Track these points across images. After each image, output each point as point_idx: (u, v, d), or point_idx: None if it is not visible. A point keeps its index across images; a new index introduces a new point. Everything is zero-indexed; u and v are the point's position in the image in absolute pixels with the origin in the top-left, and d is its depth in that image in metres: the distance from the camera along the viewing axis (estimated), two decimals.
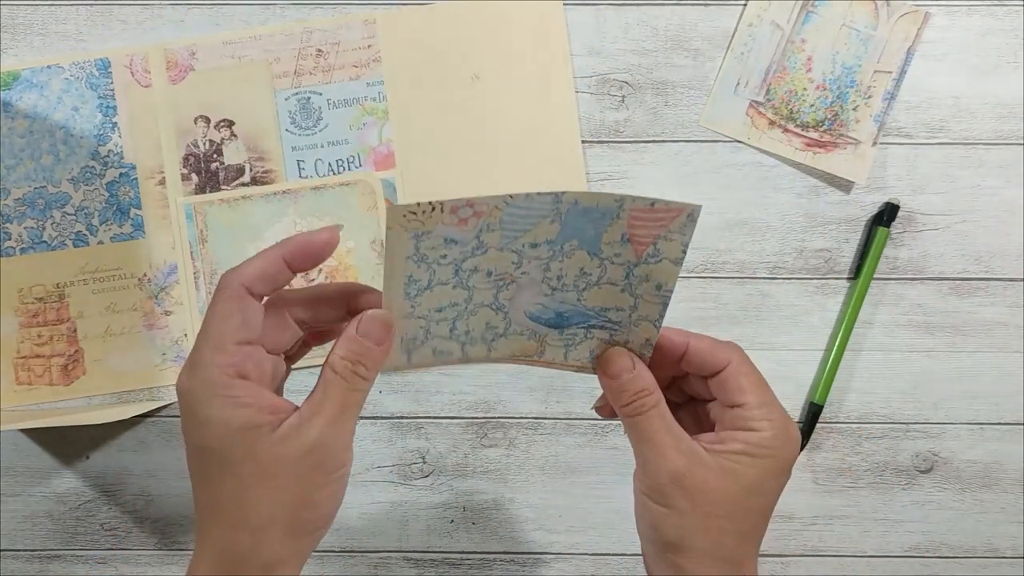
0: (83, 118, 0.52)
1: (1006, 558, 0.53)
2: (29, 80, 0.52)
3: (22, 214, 0.52)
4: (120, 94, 0.53)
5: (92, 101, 0.52)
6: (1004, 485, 0.53)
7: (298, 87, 0.53)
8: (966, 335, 0.53)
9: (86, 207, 0.52)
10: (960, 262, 0.53)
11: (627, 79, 0.53)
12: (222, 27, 0.53)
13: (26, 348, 0.52)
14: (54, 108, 0.52)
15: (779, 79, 0.53)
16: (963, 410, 0.53)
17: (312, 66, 0.53)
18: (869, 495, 0.53)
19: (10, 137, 0.52)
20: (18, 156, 0.52)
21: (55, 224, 0.52)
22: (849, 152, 0.52)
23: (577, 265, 0.33)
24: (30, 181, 0.52)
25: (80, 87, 0.52)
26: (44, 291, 0.52)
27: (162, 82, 0.53)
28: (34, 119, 0.52)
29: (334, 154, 0.53)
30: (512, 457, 0.53)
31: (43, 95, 0.52)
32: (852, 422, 0.53)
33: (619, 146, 0.53)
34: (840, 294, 0.53)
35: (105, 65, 0.52)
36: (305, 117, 0.53)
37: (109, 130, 0.53)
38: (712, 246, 0.53)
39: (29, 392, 0.52)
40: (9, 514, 0.54)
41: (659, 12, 0.53)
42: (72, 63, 0.52)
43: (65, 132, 0.52)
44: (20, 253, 0.52)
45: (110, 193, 0.53)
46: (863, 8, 0.52)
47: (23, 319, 0.52)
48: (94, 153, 0.52)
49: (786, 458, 0.33)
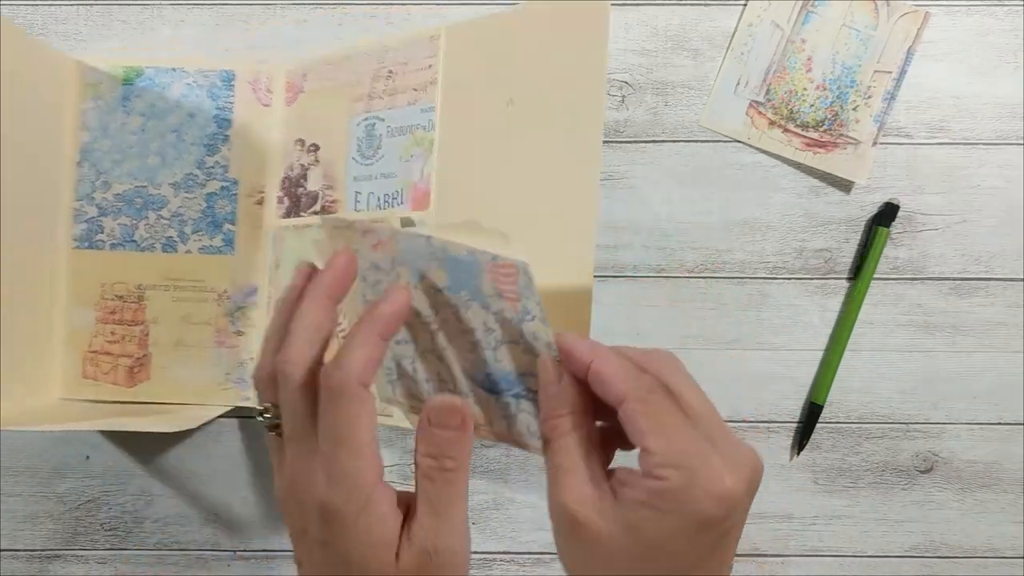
0: (197, 126, 0.52)
1: (1006, 558, 0.53)
2: (152, 79, 0.52)
3: (119, 210, 0.52)
4: (239, 108, 0.52)
5: (209, 110, 0.52)
6: (1004, 485, 0.53)
7: (368, 112, 0.49)
8: (966, 335, 0.53)
9: (181, 214, 0.52)
10: (960, 262, 0.53)
11: (627, 79, 0.53)
12: (222, 27, 0.53)
13: (98, 343, 0.52)
14: (171, 111, 0.52)
15: (779, 79, 0.53)
16: (963, 410, 0.53)
17: (382, 88, 0.48)
18: (869, 495, 0.53)
19: (122, 132, 0.52)
20: (126, 152, 0.52)
21: (148, 226, 0.52)
22: (849, 152, 0.52)
23: (479, 318, 0.30)
24: (132, 179, 0.52)
25: (200, 94, 0.52)
26: (125, 290, 0.52)
27: (279, 102, 0.52)
28: (149, 118, 0.52)
29: (383, 188, 0.49)
30: (512, 457, 0.53)
31: (163, 96, 0.52)
32: (852, 422, 0.53)
33: (619, 146, 0.53)
34: (840, 294, 0.53)
35: (229, 78, 0.52)
36: (368, 145, 0.49)
37: (220, 142, 0.52)
38: (712, 246, 0.53)
39: (93, 387, 0.52)
40: (9, 514, 0.54)
41: (659, 12, 0.53)
42: (197, 69, 0.52)
43: (176, 136, 0.52)
44: (109, 248, 0.52)
45: (208, 204, 0.52)
46: (863, 8, 0.52)
47: (100, 314, 0.52)
48: (200, 162, 0.52)
49: (700, 513, 0.27)
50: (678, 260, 0.53)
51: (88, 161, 0.52)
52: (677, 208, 0.53)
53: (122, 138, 0.52)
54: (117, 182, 0.52)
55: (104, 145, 0.52)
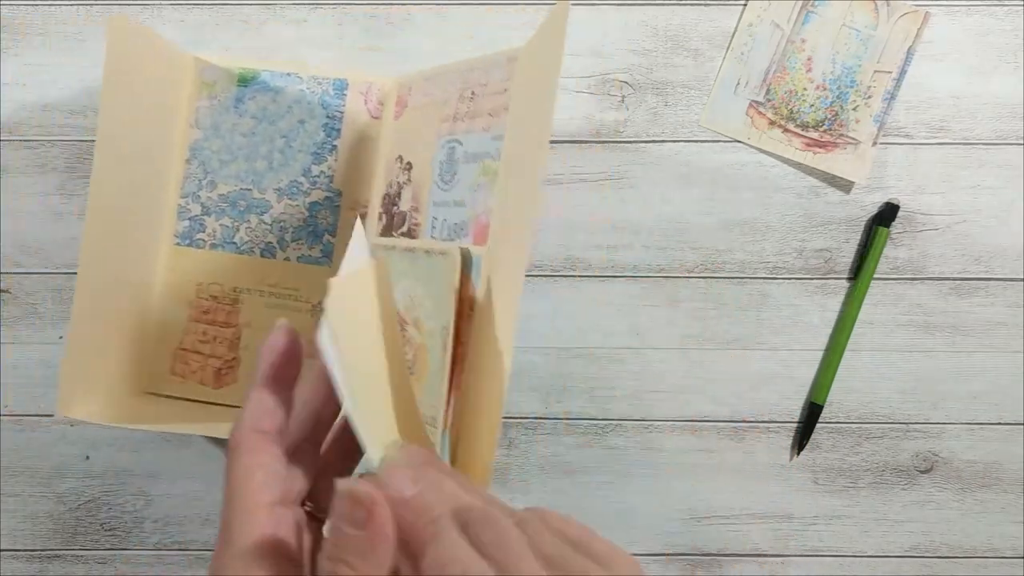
0: (306, 133, 0.52)
1: (1006, 558, 0.53)
2: (266, 83, 0.52)
3: (222, 211, 0.52)
4: (348, 119, 0.52)
5: (320, 119, 0.52)
6: (1004, 485, 0.53)
7: (451, 134, 0.46)
8: (966, 335, 0.53)
9: (283, 221, 0.52)
10: (960, 262, 0.53)
11: (627, 79, 0.53)
12: (222, 27, 0.53)
13: (189, 341, 0.52)
14: (282, 116, 0.52)
15: (779, 79, 0.53)
16: (963, 410, 0.53)
17: (465, 110, 0.45)
18: (869, 495, 0.53)
19: (233, 133, 0.51)
20: (235, 154, 0.52)
21: (249, 229, 0.52)
22: (849, 152, 0.52)
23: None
24: (238, 181, 0.52)
25: (313, 102, 0.51)
26: (220, 291, 0.52)
27: (389, 115, 0.51)
28: (260, 121, 0.51)
29: (454, 216, 0.45)
30: (512, 457, 0.53)
31: (275, 100, 0.51)
32: (852, 422, 0.53)
33: (619, 146, 0.53)
34: (840, 294, 0.53)
35: (342, 87, 0.51)
36: (448, 170, 0.46)
37: (327, 151, 0.52)
38: (712, 246, 0.53)
39: (180, 385, 0.52)
40: (9, 514, 0.54)
41: (659, 12, 0.53)
42: (311, 76, 0.51)
43: (285, 142, 0.51)
44: (209, 248, 0.52)
45: (310, 213, 0.52)
46: (863, 8, 0.52)
47: (194, 312, 0.52)
48: (306, 170, 0.52)
49: None
50: (678, 260, 0.53)
51: (197, 159, 0.52)
52: (677, 208, 0.53)
53: (232, 139, 0.52)
54: (223, 183, 0.52)
55: (214, 144, 0.52)
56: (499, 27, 0.53)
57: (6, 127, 0.53)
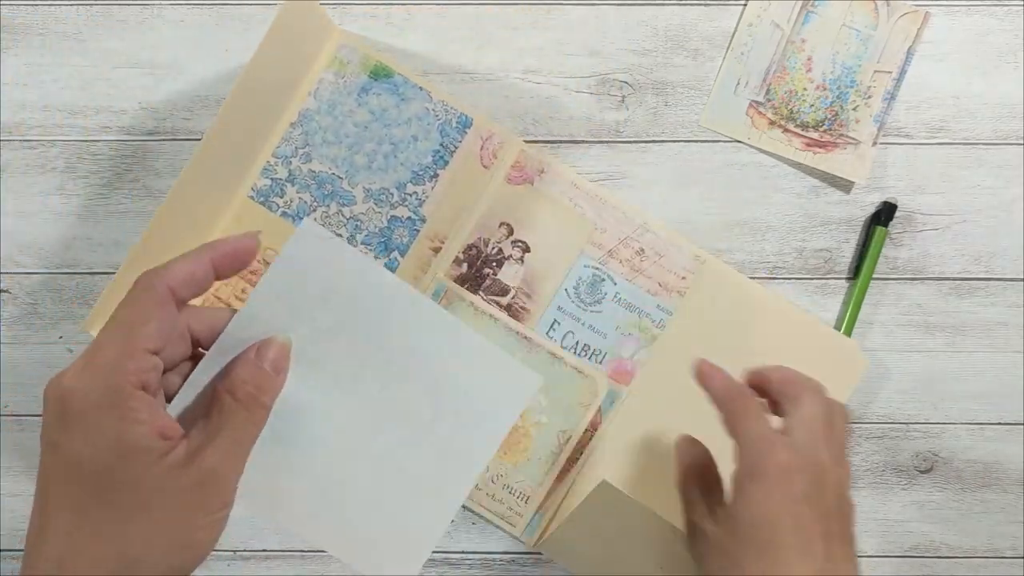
0: (416, 151, 0.52)
1: (1006, 558, 0.53)
2: (397, 86, 0.51)
3: (306, 186, 0.52)
4: (459, 156, 0.52)
5: (434, 143, 0.52)
6: (1004, 485, 0.53)
7: (601, 264, 0.51)
8: (966, 335, 0.53)
9: (360, 220, 0.52)
10: (960, 262, 0.53)
11: (627, 79, 0.53)
12: (221, 27, 0.53)
13: (225, 292, 0.52)
14: (399, 124, 0.52)
15: (779, 79, 0.53)
16: (963, 410, 0.53)
17: (626, 257, 0.51)
18: (869, 495, 0.53)
19: (346, 119, 0.51)
20: (340, 138, 0.52)
21: (325, 214, 0.52)
22: (849, 152, 0.52)
23: None
24: (333, 165, 0.52)
25: (434, 124, 0.52)
26: (273, 258, 0.51)
27: (500, 174, 0.52)
28: (376, 119, 0.51)
29: (588, 338, 0.51)
30: None
31: (398, 107, 0.51)
32: (852, 422, 0.53)
33: (619, 146, 0.53)
34: (840, 294, 0.53)
35: (466, 123, 0.52)
36: (589, 293, 0.51)
37: (428, 176, 0.52)
38: (712, 246, 0.53)
39: None
40: (9, 514, 0.54)
41: (659, 12, 0.53)
42: (441, 100, 0.52)
43: (392, 150, 0.51)
44: (279, 215, 0.52)
45: (388, 225, 0.52)
46: (863, 8, 0.52)
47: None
48: (401, 184, 0.52)
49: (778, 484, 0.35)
50: None
51: (302, 127, 0.52)
52: (677, 208, 0.53)
53: (343, 124, 0.52)
54: (318, 160, 0.52)
55: (324, 121, 0.52)
56: (499, 27, 0.53)
57: (6, 127, 0.53)
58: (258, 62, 0.45)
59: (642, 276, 0.51)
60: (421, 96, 0.52)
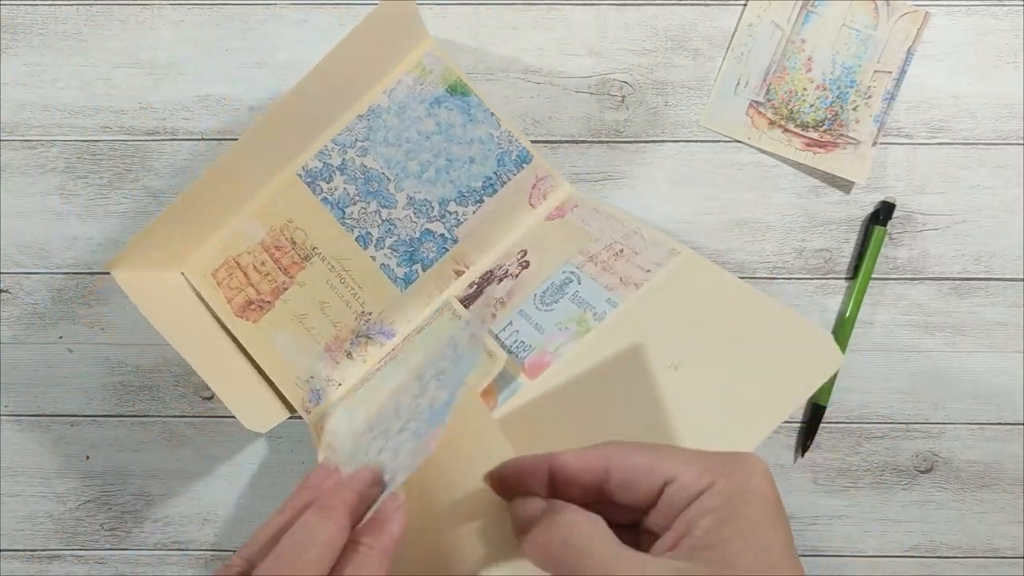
0: (468, 173, 0.51)
1: (1006, 558, 0.53)
2: (470, 106, 0.51)
3: (354, 178, 0.52)
4: (509, 189, 0.51)
5: (488, 171, 0.51)
6: (1004, 485, 0.53)
7: (578, 268, 0.47)
8: (966, 335, 0.53)
9: (394, 224, 0.52)
10: (960, 262, 0.53)
11: (627, 79, 0.53)
12: (222, 27, 0.53)
13: (245, 260, 0.52)
14: (461, 142, 0.51)
15: (779, 79, 0.53)
16: (963, 410, 0.53)
17: (604, 258, 0.46)
18: (869, 495, 0.53)
19: (411, 124, 0.51)
20: (400, 141, 0.52)
21: (363, 211, 0.52)
22: (849, 152, 0.52)
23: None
24: (386, 165, 0.52)
25: (493, 152, 0.51)
26: (302, 240, 0.52)
27: (542, 212, 0.52)
28: (440, 132, 0.51)
29: (528, 336, 0.46)
30: None
31: (465, 127, 0.51)
32: (852, 422, 0.53)
33: (619, 146, 0.53)
34: (840, 294, 0.53)
35: (524, 159, 0.51)
36: (552, 295, 0.47)
37: (472, 201, 0.52)
38: (712, 246, 0.53)
39: (211, 289, 0.51)
40: (9, 514, 0.54)
41: (659, 12, 0.53)
42: (505, 131, 0.51)
43: (446, 165, 0.51)
44: (320, 199, 0.52)
45: (419, 237, 0.52)
46: (863, 8, 0.52)
47: (268, 241, 0.51)
48: (444, 201, 0.52)
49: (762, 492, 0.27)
50: None
51: (368, 121, 0.52)
52: (677, 208, 0.53)
53: (407, 128, 0.52)
54: (373, 157, 0.52)
55: (391, 121, 0.52)
56: (499, 27, 0.53)
57: (6, 127, 0.53)
58: (343, 49, 0.44)
59: (608, 273, 0.45)
60: (490, 122, 0.52)
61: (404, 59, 0.51)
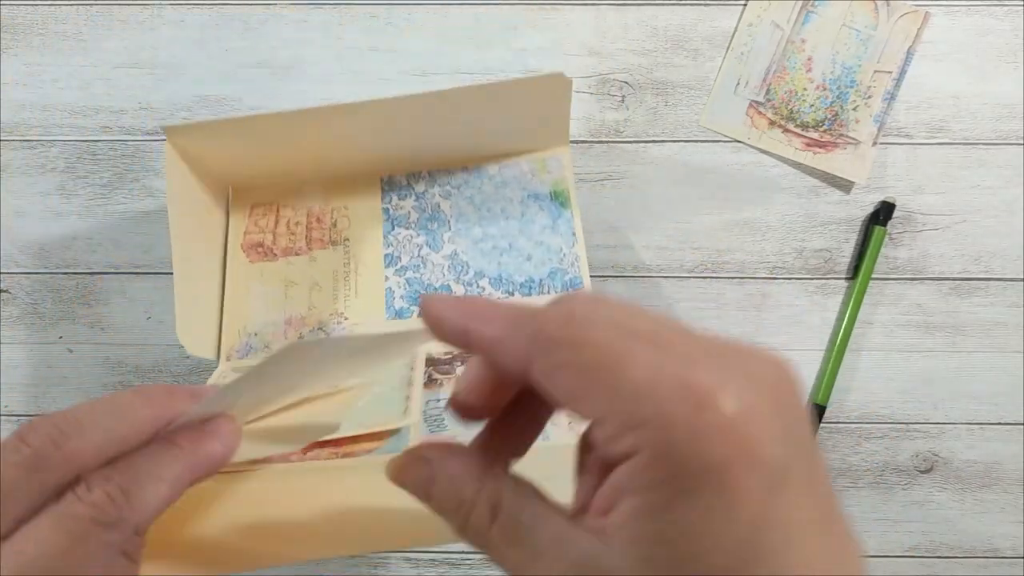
0: (518, 267, 0.51)
1: (1006, 558, 0.53)
2: (560, 215, 0.51)
3: (422, 208, 0.52)
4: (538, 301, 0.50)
5: (538, 272, 0.51)
6: (1004, 485, 0.53)
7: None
8: (966, 335, 0.53)
9: (424, 265, 0.52)
10: (960, 262, 0.53)
11: (627, 79, 0.53)
12: (222, 27, 0.53)
13: (286, 213, 0.52)
14: (530, 239, 0.51)
15: (779, 79, 0.53)
16: (963, 410, 0.53)
17: None
18: (869, 495, 0.53)
19: (498, 200, 0.52)
20: (481, 208, 0.52)
21: (409, 238, 0.52)
22: (849, 152, 0.52)
23: None
24: (455, 216, 0.52)
25: (552, 263, 0.51)
26: (343, 227, 0.52)
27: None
28: (518, 220, 0.52)
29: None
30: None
31: (544, 230, 0.51)
32: (852, 422, 0.53)
33: (619, 146, 0.53)
34: (840, 294, 0.53)
35: (575, 285, 0.51)
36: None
37: (504, 289, 0.51)
38: (712, 246, 0.53)
39: (241, 213, 0.52)
40: None
41: (659, 12, 0.53)
42: (575, 253, 0.51)
43: (506, 249, 0.51)
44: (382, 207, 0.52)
45: (438, 287, 0.51)
46: (863, 8, 0.52)
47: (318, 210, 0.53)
48: (480, 273, 0.51)
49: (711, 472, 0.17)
50: (678, 260, 0.53)
51: (469, 176, 0.53)
52: (677, 208, 0.53)
53: (496, 200, 0.52)
54: (451, 203, 0.52)
55: (486, 186, 0.52)
56: (499, 27, 0.53)
57: (6, 127, 0.53)
58: (490, 92, 0.46)
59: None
60: (568, 239, 0.52)
61: (536, 151, 0.53)
